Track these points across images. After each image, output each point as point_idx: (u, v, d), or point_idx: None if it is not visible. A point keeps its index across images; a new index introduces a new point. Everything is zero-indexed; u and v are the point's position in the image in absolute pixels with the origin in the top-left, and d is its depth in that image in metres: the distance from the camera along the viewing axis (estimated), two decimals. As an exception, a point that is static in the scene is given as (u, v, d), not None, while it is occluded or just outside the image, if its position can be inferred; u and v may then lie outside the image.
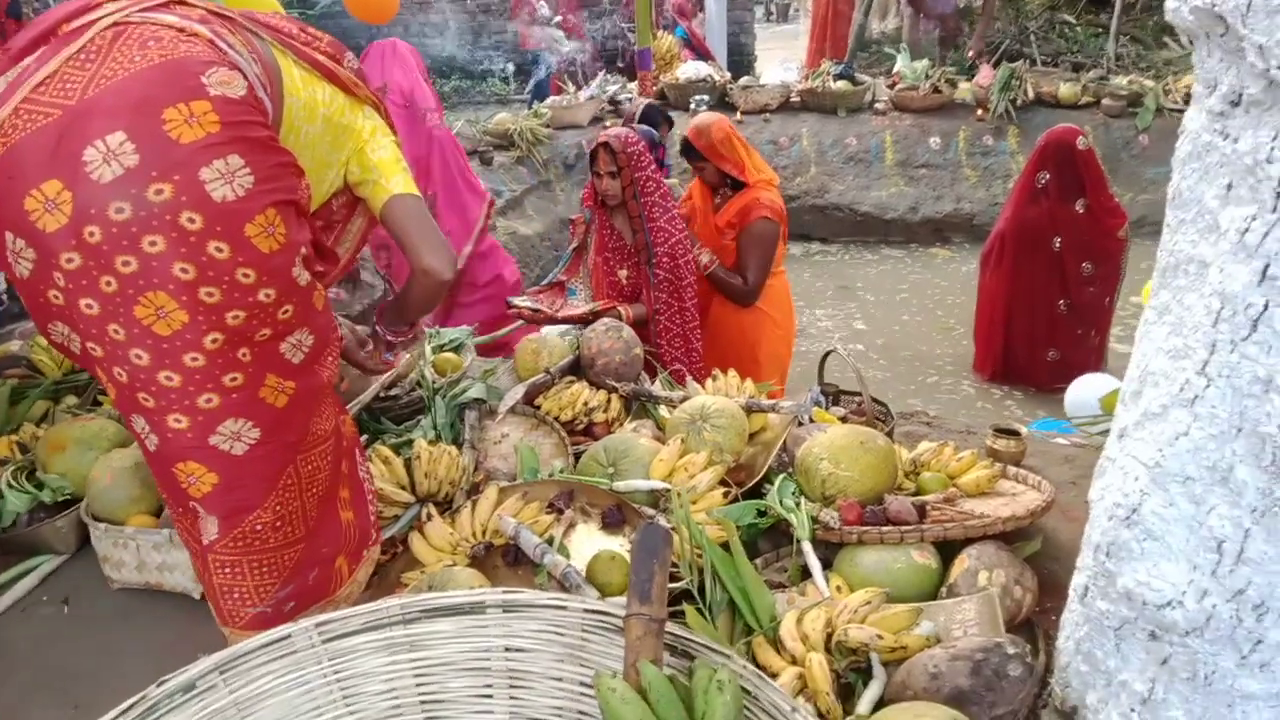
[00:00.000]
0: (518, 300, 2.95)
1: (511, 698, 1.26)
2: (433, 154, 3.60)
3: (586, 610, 1.18)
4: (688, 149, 3.15)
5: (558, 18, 8.57)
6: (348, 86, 1.53)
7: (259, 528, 1.41)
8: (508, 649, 1.24)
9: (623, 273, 3.17)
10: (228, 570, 1.43)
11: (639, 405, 2.36)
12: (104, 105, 1.21)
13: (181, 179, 1.21)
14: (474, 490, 1.99)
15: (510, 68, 9.37)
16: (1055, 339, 3.77)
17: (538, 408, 2.32)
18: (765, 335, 3.26)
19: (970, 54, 7.76)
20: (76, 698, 1.71)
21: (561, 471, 1.97)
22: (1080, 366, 3.84)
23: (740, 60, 9.73)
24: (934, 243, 5.77)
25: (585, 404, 2.30)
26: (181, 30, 1.29)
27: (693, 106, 6.61)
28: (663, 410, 2.35)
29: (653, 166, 3.03)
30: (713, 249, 3.23)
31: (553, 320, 2.90)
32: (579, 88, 7.15)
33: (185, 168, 1.21)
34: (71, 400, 2.54)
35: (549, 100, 6.82)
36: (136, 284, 1.24)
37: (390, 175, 1.57)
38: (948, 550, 1.66)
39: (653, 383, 2.48)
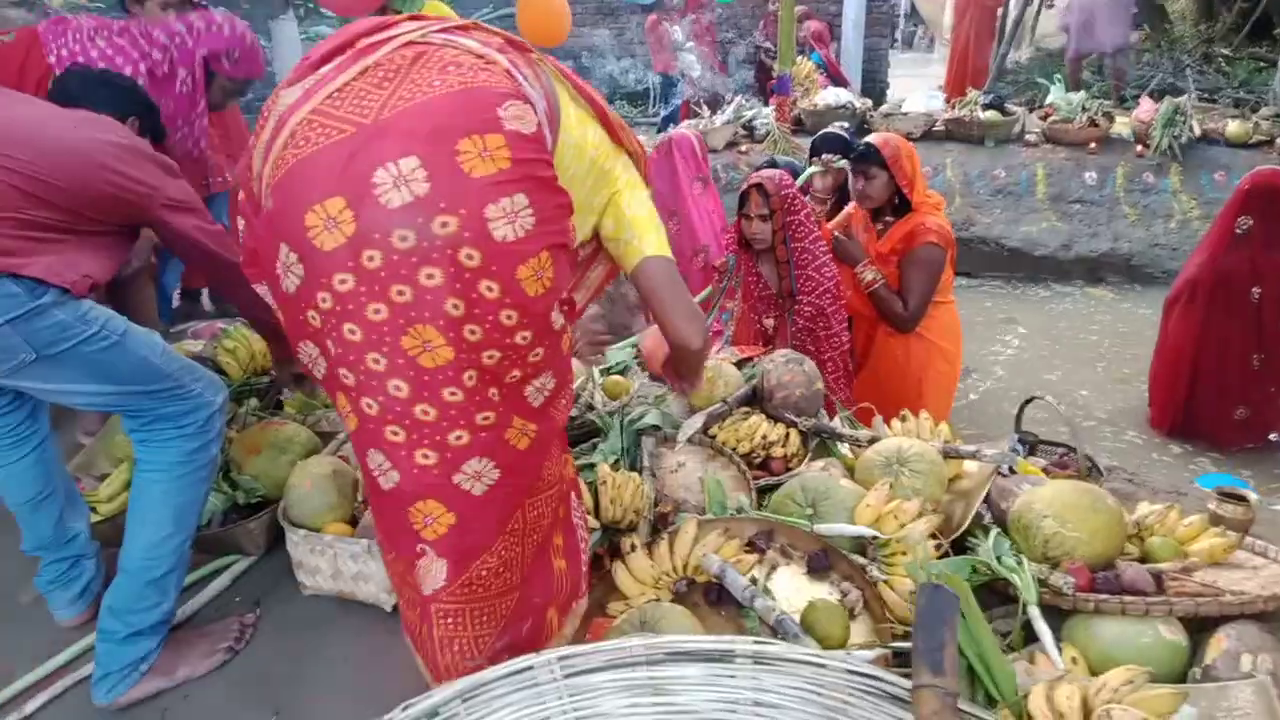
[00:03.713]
0: None
1: (756, 756, 1.19)
2: None
3: (852, 671, 1.11)
4: (868, 154, 3.03)
5: (690, 42, 8.59)
6: (615, 132, 1.49)
7: (483, 573, 1.37)
8: (757, 703, 1.18)
9: (769, 321, 3.07)
10: (450, 620, 1.39)
11: (818, 442, 2.28)
12: (399, 127, 1.19)
13: (468, 213, 1.18)
14: (660, 520, 1.94)
15: (655, 85, 9.39)
16: (1246, 395, 3.49)
17: (713, 437, 2.26)
18: (933, 367, 3.11)
19: (1114, 84, 7.39)
20: (276, 702, 1.73)
21: (754, 508, 1.91)
22: (1269, 426, 3.56)
23: (873, 87, 9.56)
24: (1088, 282, 5.47)
25: (764, 437, 2.23)
26: (481, 57, 1.28)
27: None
28: (844, 449, 2.26)
29: (806, 210, 2.93)
30: None
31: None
32: (714, 111, 7.13)
33: (473, 202, 1.19)
34: (253, 403, 2.62)
35: (683, 124, 6.81)
36: (408, 314, 1.21)
37: (645, 235, 1.52)
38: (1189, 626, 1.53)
39: (832, 419, 2.39)
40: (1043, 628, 1.53)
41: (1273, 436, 3.58)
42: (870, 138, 3.14)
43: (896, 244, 3.06)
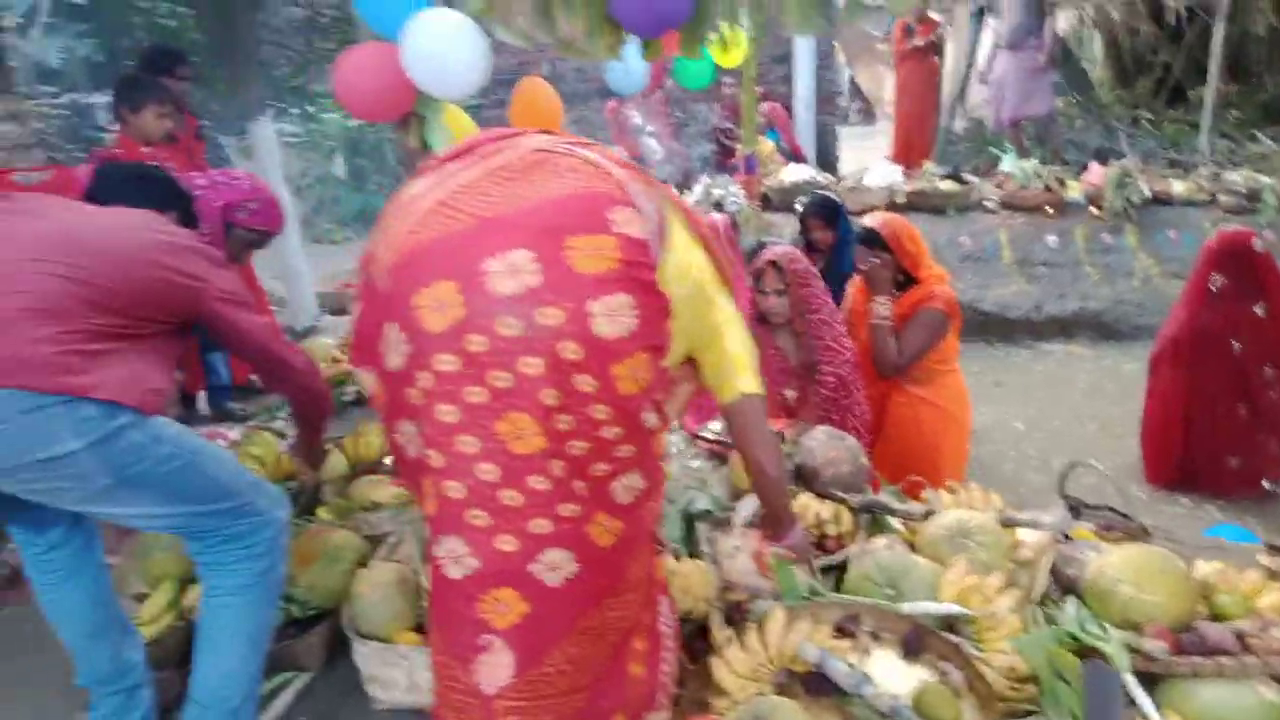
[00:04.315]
0: (704, 432, 2.86)
1: None
2: None
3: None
4: (871, 238, 3.13)
5: (650, 127, 8.85)
6: (720, 266, 1.52)
7: (550, 671, 1.35)
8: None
9: (790, 393, 3.12)
10: (516, 718, 1.36)
11: (870, 519, 2.31)
12: (515, 221, 1.26)
13: (573, 308, 1.23)
14: (735, 609, 1.94)
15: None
16: (1238, 445, 3.63)
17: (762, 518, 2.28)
18: (949, 435, 3.17)
19: (1052, 150, 7.80)
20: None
21: (825, 589, 1.92)
22: (1261, 473, 3.70)
23: (826, 162, 9.91)
24: (1060, 340, 5.68)
25: (817, 516, 2.26)
26: (598, 167, 1.34)
27: (797, 208, 6.70)
28: (895, 523, 2.29)
29: (820, 283, 3.03)
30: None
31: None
32: (682, 191, 7.32)
33: (578, 298, 1.24)
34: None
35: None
36: (505, 400, 1.25)
37: (742, 371, 1.57)
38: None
39: (875, 493, 2.43)
40: (1141, 695, 1.55)
41: (1265, 484, 3.71)
42: (867, 220, 3.26)
43: (905, 311, 3.14)
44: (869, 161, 9.19)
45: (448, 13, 2.36)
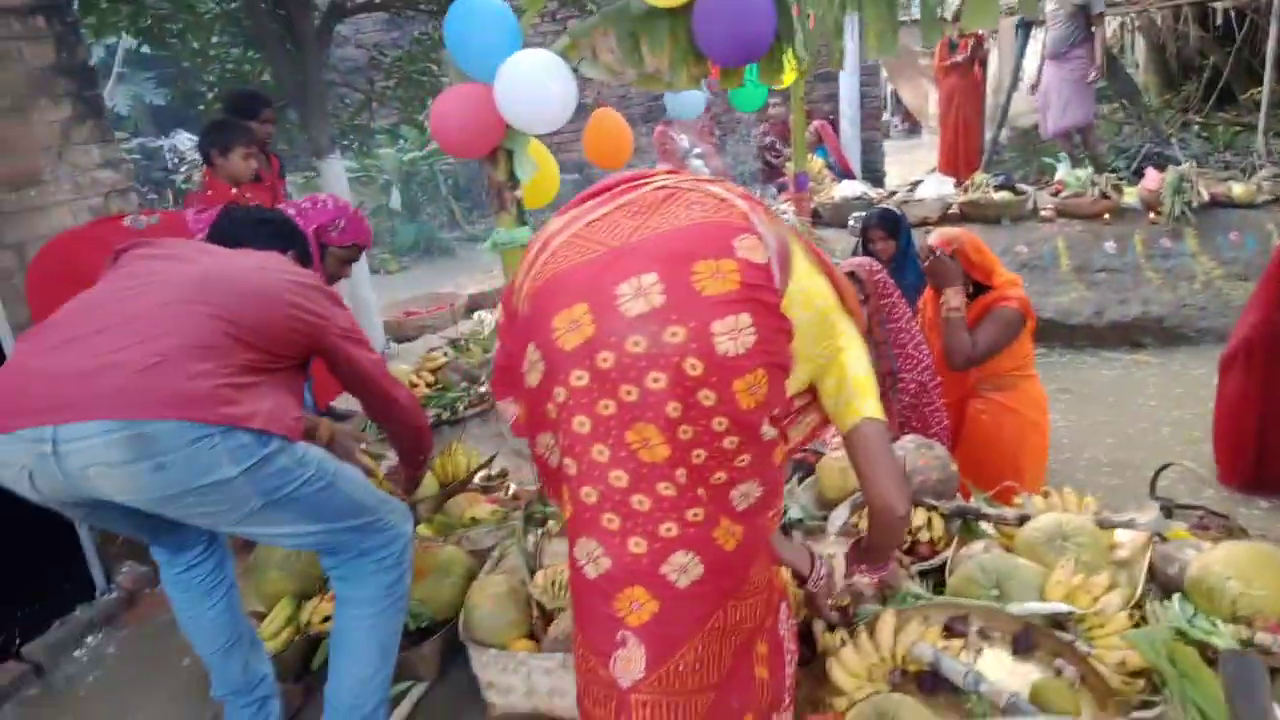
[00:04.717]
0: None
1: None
2: None
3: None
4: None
5: (697, 149, 8.97)
6: (843, 292, 1.56)
7: (680, 668, 1.42)
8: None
9: None
10: (648, 711, 1.42)
11: (960, 524, 2.34)
12: (645, 250, 1.36)
13: (696, 326, 1.32)
14: (841, 613, 1.99)
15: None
16: (1310, 444, 3.59)
17: (855, 526, 2.32)
18: (1029, 442, 3.19)
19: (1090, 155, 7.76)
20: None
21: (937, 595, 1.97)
22: (1337, 474, 3.65)
23: (873, 176, 9.95)
24: (1123, 347, 5.63)
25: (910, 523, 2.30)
26: (723, 200, 1.44)
27: (850, 224, 6.75)
28: (987, 528, 2.32)
29: (898, 293, 3.07)
30: None
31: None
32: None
33: (702, 317, 1.33)
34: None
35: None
36: (633, 412, 1.34)
37: (865, 397, 1.53)
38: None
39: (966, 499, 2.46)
40: (1259, 688, 1.58)
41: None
42: (930, 239, 3.30)
43: (978, 314, 3.16)
44: (914, 174, 9.22)
45: (539, 53, 2.47)
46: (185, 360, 1.58)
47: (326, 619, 2.25)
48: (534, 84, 2.44)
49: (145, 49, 6.54)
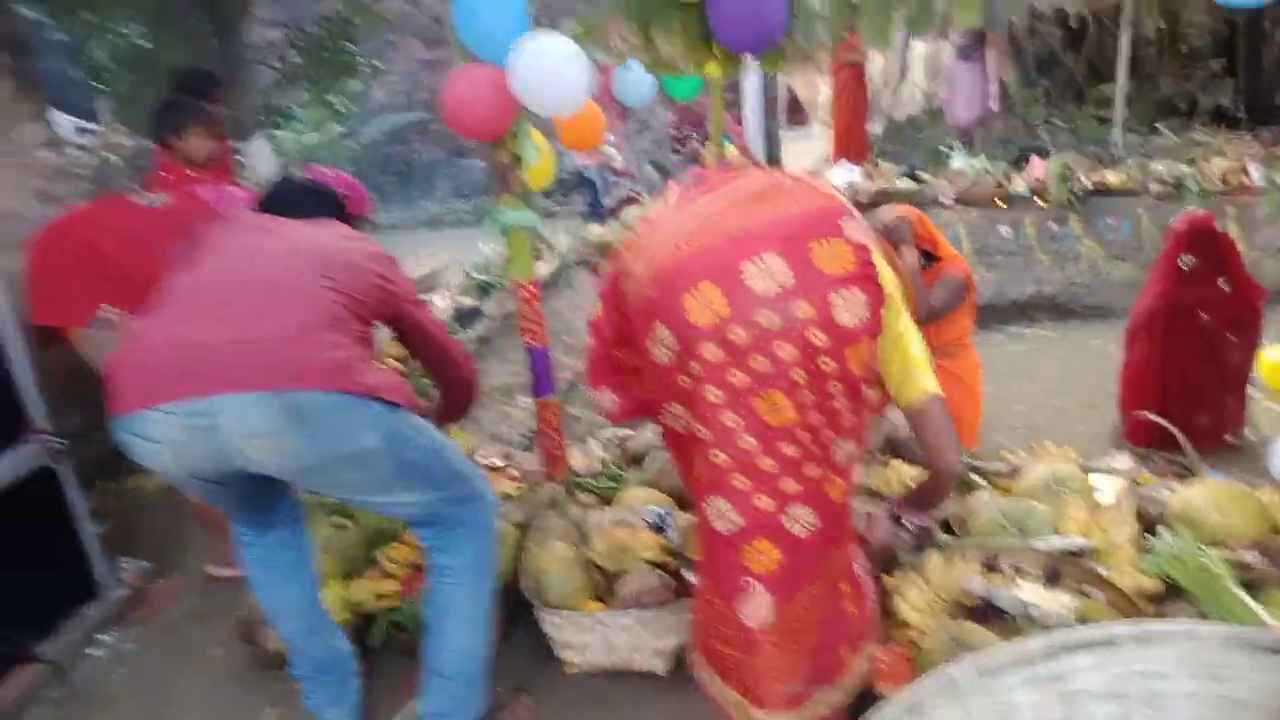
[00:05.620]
0: None
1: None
2: None
3: (1228, 636, 1.41)
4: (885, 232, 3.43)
5: (609, 136, 9.07)
6: (903, 280, 1.74)
7: (800, 610, 1.61)
8: (1144, 674, 1.46)
9: None
10: (773, 648, 1.61)
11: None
12: (761, 234, 1.52)
13: (819, 301, 1.49)
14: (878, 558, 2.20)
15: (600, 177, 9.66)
16: (1205, 406, 4.10)
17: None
18: (968, 408, 3.48)
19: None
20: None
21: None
22: (1224, 430, 4.20)
23: (771, 165, 10.34)
24: (1020, 323, 6.17)
25: (909, 479, 2.55)
26: (817, 189, 1.63)
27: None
28: (979, 481, 2.60)
29: None
30: None
31: None
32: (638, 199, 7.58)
33: (824, 292, 1.50)
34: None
35: (634, 212, 7.23)
36: (762, 380, 1.51)
37: (925, 373, 1.69)
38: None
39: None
40: (1247, 598, 1.89)
41: (1228, 438, 4.21)
42: (883, 215, 3.57)
43: (930, 280, 3.43)
44: (807, 163, 9.67)
45: (554, 37, 2.55)
46: (323, 332, 1.61)
47: (380, 596, 2.28)
48: (552, 69, 2.50)
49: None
